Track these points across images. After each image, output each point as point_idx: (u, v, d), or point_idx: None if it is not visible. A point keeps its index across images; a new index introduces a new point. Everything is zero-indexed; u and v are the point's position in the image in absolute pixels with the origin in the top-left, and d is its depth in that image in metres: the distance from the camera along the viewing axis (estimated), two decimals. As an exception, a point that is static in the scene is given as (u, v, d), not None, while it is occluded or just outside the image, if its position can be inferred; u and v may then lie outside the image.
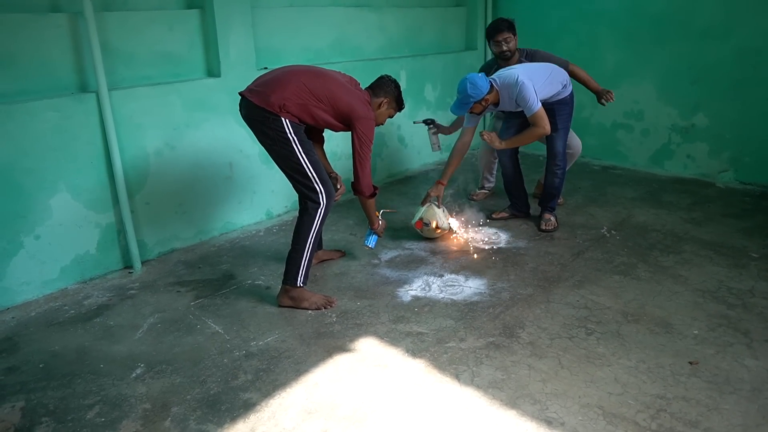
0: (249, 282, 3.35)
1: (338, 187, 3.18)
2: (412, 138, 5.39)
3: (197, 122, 3.74)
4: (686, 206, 4.34)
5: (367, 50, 4.99)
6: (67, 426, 2.22)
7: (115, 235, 3.52)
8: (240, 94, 2.93)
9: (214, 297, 3.19)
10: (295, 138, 2.83)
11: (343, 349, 2.65)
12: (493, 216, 4.14)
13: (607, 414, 2.17)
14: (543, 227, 3.92)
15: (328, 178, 2.98)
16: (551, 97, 3.70)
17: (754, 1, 4.46)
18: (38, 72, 3.15)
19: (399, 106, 3.22)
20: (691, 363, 2.46)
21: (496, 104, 3.65)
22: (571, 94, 3.85)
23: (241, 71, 3.88)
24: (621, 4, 5.10)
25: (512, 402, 2.25)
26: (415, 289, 3.19)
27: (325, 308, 2.98)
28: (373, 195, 3.14)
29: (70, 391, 2.43)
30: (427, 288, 3.20)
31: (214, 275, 3.45)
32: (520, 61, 4.00)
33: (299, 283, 2.95)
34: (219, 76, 3.84)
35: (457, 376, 2.42)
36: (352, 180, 3.07)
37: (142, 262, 3.60)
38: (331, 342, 2.70)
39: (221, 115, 3.86)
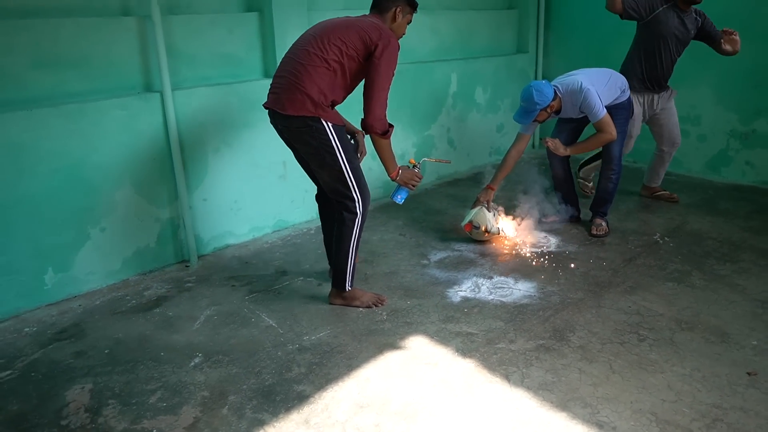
0: (301, 279, 3.44)
1: (360, 150, 2.99)
2: (461, 140, 5.40)
3: (253, 122, 3.85)
4: (744, 214, 4.21)
5: (420, 53, 5.03)
6: (132, 409, 2.34)
7: (173, 229, 3.67)
8: (266, 107, 2.76)
9: (267, 292, 3.29)
10: (339, 145, 2.67)
11: (393, 346, 2.69)
12: (543, 219, 4.11)
13: (660, 421, 2.15)
14: (594, 232, 3.87)
15: (366, 183, 2.82)
16: (610, 102, 3.66)
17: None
18: (108, 72, 3.31)
19: (412, 5, 2.82)
20: (749, 374, 2.40)
21: (558, 111, 3.64)
22: (629, 99, 3.80)
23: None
24: (679, 6, 4.98)
25: (563, 404, 2.25)
26: (464, 290, 3.21)
27: (375, 306, 3.02)
28: (386, 133, 2.70)
29: (133, 377, 2.56)
30: (476, 289, 3.21)
31: (267, 271, 3.56)
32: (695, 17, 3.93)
33: (348, 286, 3.00)
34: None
35: (507, 377, 2.43)
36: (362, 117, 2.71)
37: (198, 257, 3.74)
38: (382, 339, 2.76)
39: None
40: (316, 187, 3.24)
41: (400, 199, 3.02)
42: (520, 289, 3.19)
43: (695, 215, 4.22)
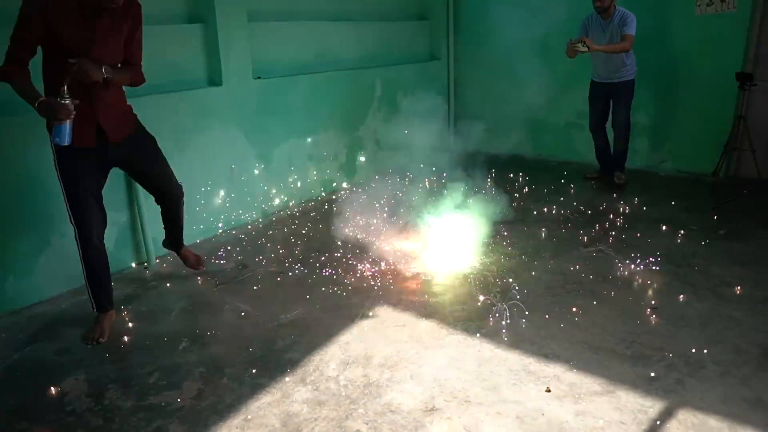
0: (262, 269, 3.70)
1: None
2: (386, 140, 5.84)
3: (202, 127, 4.06)
4: (636, 192, 4.98)
5: (348, 61, 5.42)
6: (134, 389, 2.53)
7: (130, 232, 3.78)
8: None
9: (233, 283, 3.53)
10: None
11: (363, 316, 3.05)
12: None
13: (592, 347, 2.68)
14: (617, 181, 5.16)
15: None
16: (630, 65, 4.86)
17: (680, 16, 5.20)
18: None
19: None
20: (652, 308, 3.01)
21: (606, 10, 4.70)
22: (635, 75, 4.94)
23: (241, 80, 4.24)
24: (570, 17, 5.73)
25: (515, 344, 2.72)
26: (416, 267, 3.63)
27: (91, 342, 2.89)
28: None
29: (125, 364, 2.72)
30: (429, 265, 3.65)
31: (227, 266, 3.78)
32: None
33: (93, 309, 2.97)
34: (221, 84, 4.17)
35: (466, 330, 2.87)
36: None
37: (156, 258, 3.87)
38: (352, 311, 3.10)
39: (223, 121, 4.20)
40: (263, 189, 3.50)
41: (59, 140, 2.55)
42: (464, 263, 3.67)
43: (599, 197, 4.94)
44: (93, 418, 2.35)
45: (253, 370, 2.61)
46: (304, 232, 4.31)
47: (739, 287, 3.21)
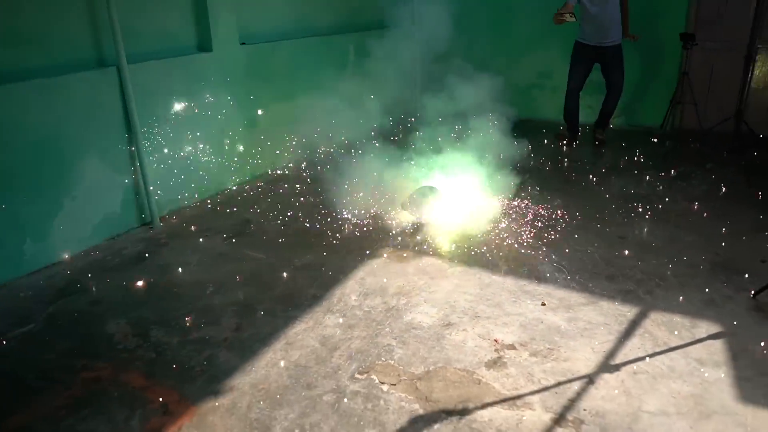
0: (266, 223, 3.97)
1: None
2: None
3: (196, 92, 4.22)
4: (591, 142, 5.48)
5: (324, 28, 5.62)
6: (175, 328, 2.79)
7: (133, 195, 3.95)
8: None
9: (241, 236, 3.79)
10: None
11: (372, 256, 3.39)
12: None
13: (574, 271, 3.12)
14: (598, 137, 5.54)
15: None
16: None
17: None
18: (63, 49, 3.48)
19: None
20: (620, 237, 3.48)
21: None
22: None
23: (229, 46, 4.42)
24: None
25: (513, 271, 3.13)
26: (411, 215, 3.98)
27: None
28: None
29: (161, 308, 2.97)
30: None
31: (232, 222, 4.02)
32: None
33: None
34: (210, 50, 4.34)
35: (465, 262, 3.26)
36: None
37: (159, 219, 4.07)
38: (359, 253, 3.44)
39: (214, 86, 4.37)
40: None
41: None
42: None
43: (561, 152, 5.40)
44: (145, 353, 2.61)
45: (282, 306, 2.92)
46: (298, 191, 4.57)
47: (690, 218, 3.73)
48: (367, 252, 3.46)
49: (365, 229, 3.81)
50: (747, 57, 5.29)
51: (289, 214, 4.11)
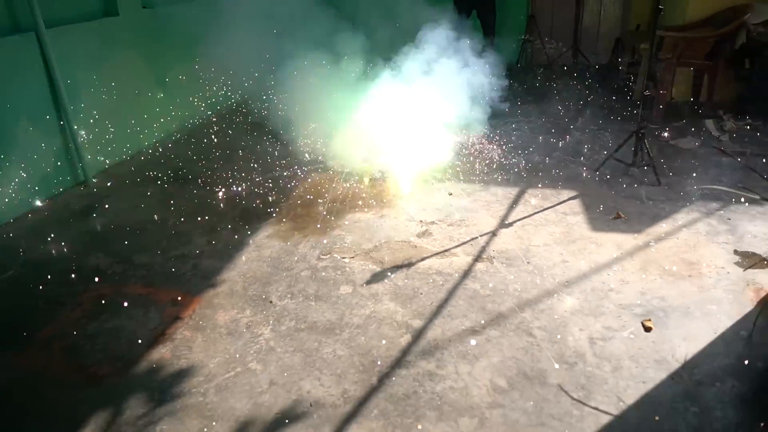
0: (200, 167, 4.40)
1: None
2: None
3: (108, 56, 4.47)
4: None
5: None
6: (154, 253, 3.24)
7: (65, 156, 4.18)
8: None
9: (178, 181, 4.20)
10: None
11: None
12: None
13: (468, 173, 3.98)
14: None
15: None
16: None
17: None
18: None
19: None
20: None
21: None
22: None
23: (133, 9, 4.69)
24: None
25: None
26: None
27: None
28: None
29: (132, 241, 3.37)
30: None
31: (164, 171, 4.38)
32: None
33: None
34: (117, 15, 4.58)
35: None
36: None
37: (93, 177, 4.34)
38: (299, 169, 4.05)
39: (124, 47, 4.64)
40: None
41: None
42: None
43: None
44: (136, 272, 3.05)
45: (243, 222, 3.47)
46: (229, 135, 5.00)
47: (542, 119, 4.76)
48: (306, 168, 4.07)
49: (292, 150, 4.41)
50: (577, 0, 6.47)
51: (218, 156, 4.56)
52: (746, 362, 2.10)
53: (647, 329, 2.33)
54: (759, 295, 2.49)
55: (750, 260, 2.76)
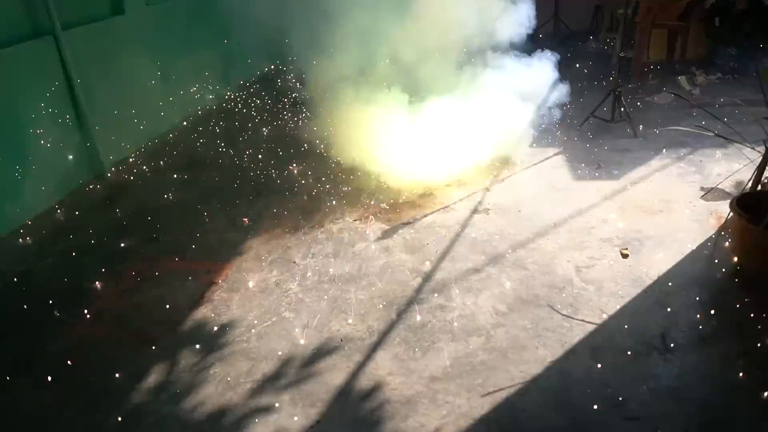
0: (213, 153, 4.71)
1: None
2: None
3: (119, 53, 4.76)
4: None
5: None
6: (183, 231, 3.57)
7: (83, 150, 4.46)
8: None
9: (194, 167, 4.51)
10: None
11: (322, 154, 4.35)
12: None
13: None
14: None
15: None
16: None
17: None
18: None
19: None
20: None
21: None
22: None
23: (138, 7, 4.96)
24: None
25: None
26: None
27: None
28: None
29: (162, 222, 3.69)
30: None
31: (179, 160, 4.70)
32: None
33: None
34: (123, 13, 4.85)
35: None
36: None
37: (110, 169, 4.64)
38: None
39: (132, 43, 4.91)
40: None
41: None
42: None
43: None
44: (168, 247, 3.37)
45: (253, 197, 3.80)
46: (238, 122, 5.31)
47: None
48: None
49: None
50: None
51: (238, 145, 4.86)
52: (706, 273, 2.48)
53: (624, 256, 2.69)
54: (720, 221, 2.86)
55: (712, 193, 3.14)
